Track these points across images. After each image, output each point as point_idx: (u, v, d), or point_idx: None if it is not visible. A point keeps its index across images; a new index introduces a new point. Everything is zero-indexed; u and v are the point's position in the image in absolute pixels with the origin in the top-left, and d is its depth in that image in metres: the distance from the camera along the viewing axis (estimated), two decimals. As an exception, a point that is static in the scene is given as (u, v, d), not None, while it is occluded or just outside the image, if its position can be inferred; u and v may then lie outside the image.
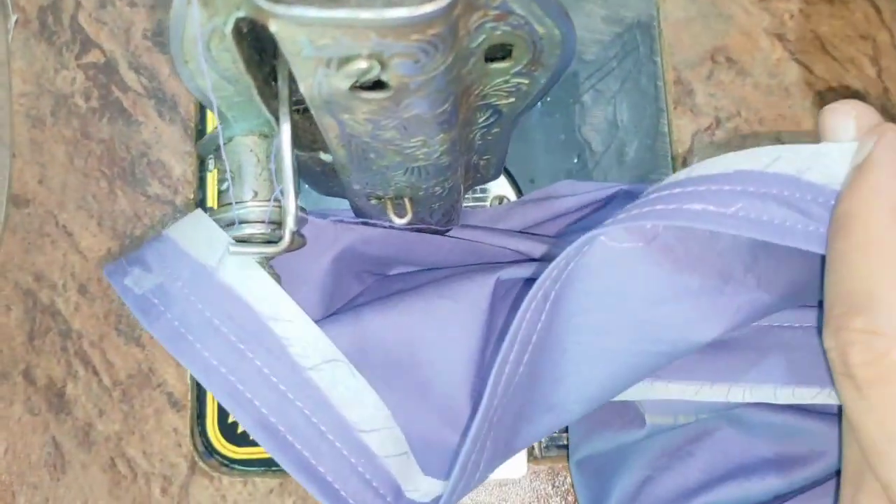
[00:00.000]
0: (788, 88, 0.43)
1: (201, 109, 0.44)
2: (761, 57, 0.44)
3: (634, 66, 0.44)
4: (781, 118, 0.43)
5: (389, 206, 0.30)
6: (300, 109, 0.29)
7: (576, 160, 0.43)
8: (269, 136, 0.29)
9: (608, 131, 0.43)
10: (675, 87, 0.43)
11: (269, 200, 0.28)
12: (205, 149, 0.29)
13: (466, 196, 0.42)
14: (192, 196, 0.43)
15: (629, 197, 0.37)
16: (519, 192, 0.43)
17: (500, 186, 0.43)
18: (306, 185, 0.38)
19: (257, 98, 0.23)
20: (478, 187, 0.43)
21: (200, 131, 0.44)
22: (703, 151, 0.43)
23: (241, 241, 0.28)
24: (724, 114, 0.43)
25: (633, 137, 0.43)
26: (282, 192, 0.25)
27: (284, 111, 0.23)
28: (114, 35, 0.45)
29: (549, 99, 0.43)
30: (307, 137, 0.27)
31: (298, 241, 0.30)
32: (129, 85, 0.44)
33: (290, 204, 0.25)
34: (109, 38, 0.45)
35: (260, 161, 0.29)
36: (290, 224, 0.26)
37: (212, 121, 0.44)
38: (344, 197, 0.35)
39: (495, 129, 0.29)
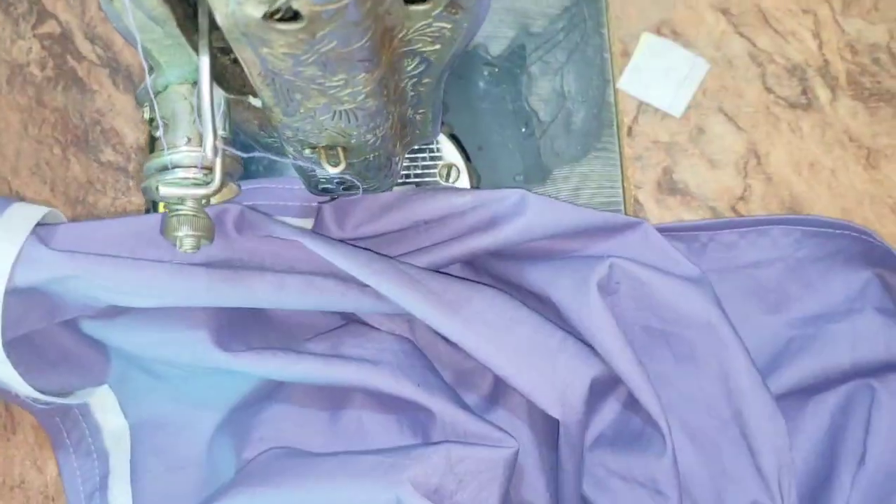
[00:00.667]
0: (732, 61, 0.44)
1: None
2: (706, 30, 0.44)
3: (581, 38, 0.44)
4: (724, 90, 0.44)
5: (323, 156, 0.30)
6: (231, 58, 0.29)
7: (524, 129, 0.44)
8: (202, 84, 0.29)
9: (555, 101, 0.44)
10: (622, 58, 0.44)
11: (202, 147, 0.29)
12: (141, 97, 0.30)
13: (416, 164, 0.43)
14: (151, 153, 0.44)
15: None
16: (468, 159, 0.43)
17: (450, 154, 0.44)
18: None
19: (177, 31, 0.24)
20: (427, 155, 0.43)
21: (150, 119, 0.44)
22: (649, 121, 0.44)
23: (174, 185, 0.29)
24: (668, 85, 0.44)
25: (579, 107, 0.44)
26: (202, 126, 0.25)
27: (203, 43, 0.24)
28: (70, 6, 0.46)
29: (496, 69, 0.44)
30: (237, 81, 0.28)
31: (232, 187, 0.30)
32: (84, 55, 0.45)
33: (209, 139, 0.25)
34: (65, 8, 0.46)
35: (194, 108, 0.29)
36: (217, 163, 0.26)
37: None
38: (285, 157, 0.36)
39: (426, 80, 0.30)
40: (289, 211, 0.41)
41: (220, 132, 0.28)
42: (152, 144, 0.43)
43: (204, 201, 0.30)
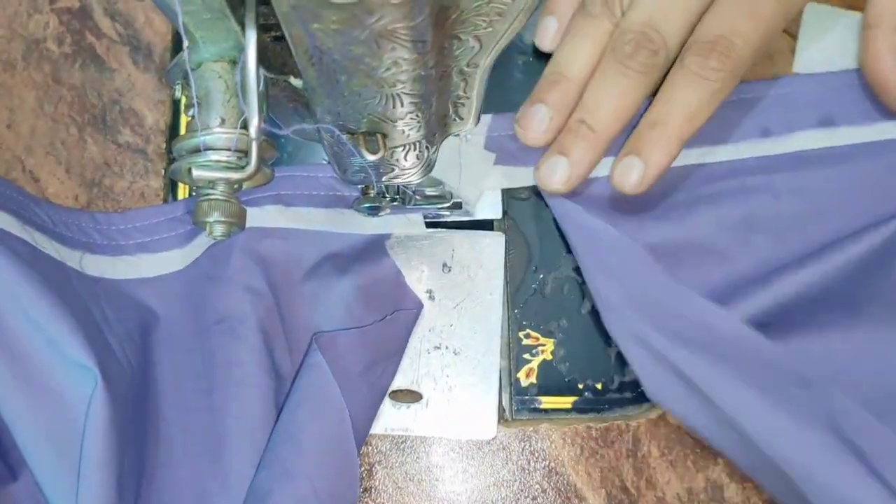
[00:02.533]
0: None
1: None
2: None
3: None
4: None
5: (362, 142, 0.29)
6: (272, 36, 0.28)
7: (557, 122, 0.42)
8: (239, 62, 0.28)
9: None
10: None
11: (236, 128, 0.27)
12: (173, 74, 0.28)
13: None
14: (164, 145, 0.42)
15: None
16: (498, 151, 0.42)
17: (479, 147, 0.42)
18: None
19: (218, 4, 0.22)
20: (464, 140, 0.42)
21: (179, 98, 0.43)
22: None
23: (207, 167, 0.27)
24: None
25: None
26: (246, 106, 0.24)
27: (251, 17, 0.23)
28: (90, -20, 0.44)
29: (530, 59, 0.43)
30: (277, 61, 0.27)
31: (266, 172, 0.29)
32: (104, 31, 0.43)
33: (254, 120, 0.24)
34: (85, -17, 0.44)
35: (229, 88, 0.28)
36: (254, 146, 0.25)
37: (187, 71, 0.43)
38: (318, 141, 0.34)
39: (473, 65, 0.28)
40: (314, 201, 0.39)
41: (259, 113, 0.26)
42: (175, 126, 0.42)
43: (236, 186, 0.28)
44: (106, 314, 0.37)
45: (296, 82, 0.27)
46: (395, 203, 0.39)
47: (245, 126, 0.27)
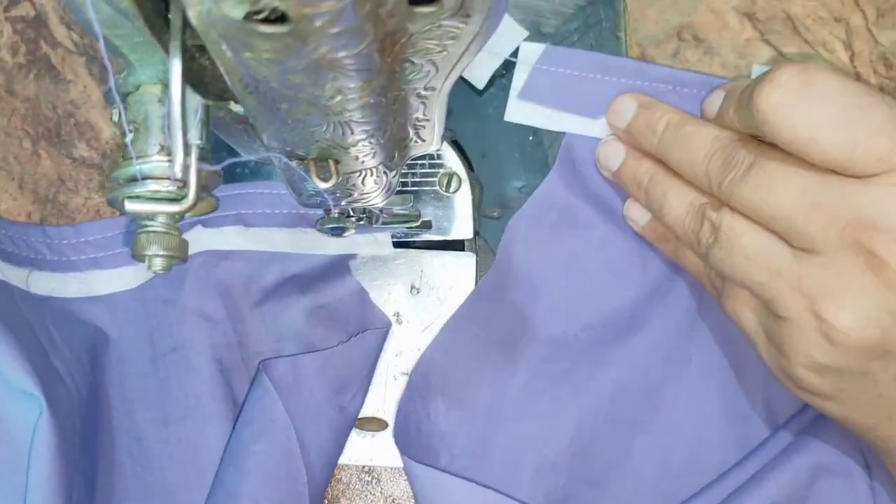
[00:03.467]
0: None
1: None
2: (730, 36, 0.41)
3: (596, 41, 0.41)
4: (748, 101, 0.41)
5: (313, 169, 0.27)
6: (211, 57, 0.26)
7: (531, 137, 0.40)
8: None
9: (566, 107, 0.41)
10: (637, 47, 0.41)
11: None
12: (110, 97, 0.26)
13: (414, 172, 0.40)
14: (121, 160, 0.40)
15: None
16: (470, 167, 0.40)
17: (451, 162, 0.40)
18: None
19: (144, 28, 0.21)
20: (427, 162, 0.40)
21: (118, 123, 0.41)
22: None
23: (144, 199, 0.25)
24: (688, 92, 0.41)
25: (592, 114, 0.40)
26: (170, 136, 0.22)
27: (175, 44, 0.21)
28: (45, -13, 0.42)
29: (504, 72, 0.41)
30: (216, 85, 0.25)
31: (210, 201, 0.27)
32: (59, 41, 0.42)
33: (178, 155, 0.22)
34: (41, -10, 0.42)
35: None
36: (192, 178, 0.23)
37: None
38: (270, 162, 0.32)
39: (431, 88, 0.27)
40: (275, 220, 0.38)
41: (197, 141, 0.25)
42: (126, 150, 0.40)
43: (177, 218, 0.27)
44: (52, 336, 0.35)
45: (236, 108, 0.25)
46: (361, 222, 0.37)
47: (188, 153, 0.25)
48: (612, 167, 0.37)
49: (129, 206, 0.24)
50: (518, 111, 0.37)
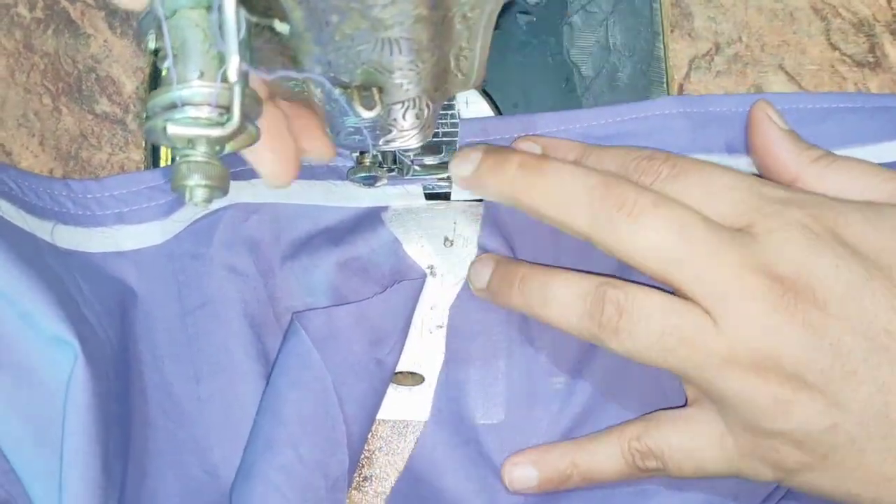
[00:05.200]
0: (794, 13, 0.40)
1: (156, 22, 0.40)
2: (764, -15, 0.40)
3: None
4: (785, 45, 0.40)
5: (356, 97, 0.26)
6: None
7: (564, 84, 0.40)
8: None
9: (599, 55, 0.40)
10: (673, 9, 0.40)
11: (217, 82, 0.25)
12: (145, 23, 0.26)
13: (444, 121, 0.39)
14: (144, 114, 0.39)
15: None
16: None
17: (482, 112, 0.39)
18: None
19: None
20: (457, 112, 0.39)
21: (155, 50, 0.40)
22: (702, 78, 0.40)
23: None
24: (724, 39, 0.40)
25: (626, 62, 0.40)
26: (224, 44, 0.21)
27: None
28: (62, -59, 0.41)
29: (534, 19, 0.40)
30: (261, 2, 0.24)
31: (251, 131, 0.26)
32: (78, -6, 0.41)
33: (233, 58, 0.21)
34: (57, -57, 0.41)
35: (207, 37, 0.25)
36: (236, 95, 0.22)
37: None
38: (307, 100, 0.31)
39: (476, 11, 0.26)
40: (305, 172, 0.37)
41: (239, 64, 0.24)
42: (154, 80, 0.39)
43: (218, 147, 0.26)
44: (82, 288, 0.34)
45: (281, 27, 0.24)
46: (392, 173, 0.36)
47: (226, 79, 0.24)
48: (483, 283, 0.35)
49: (173, 129, 0.23)
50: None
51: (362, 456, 0.36)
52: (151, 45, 0.26)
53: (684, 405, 0.33)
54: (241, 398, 0.35)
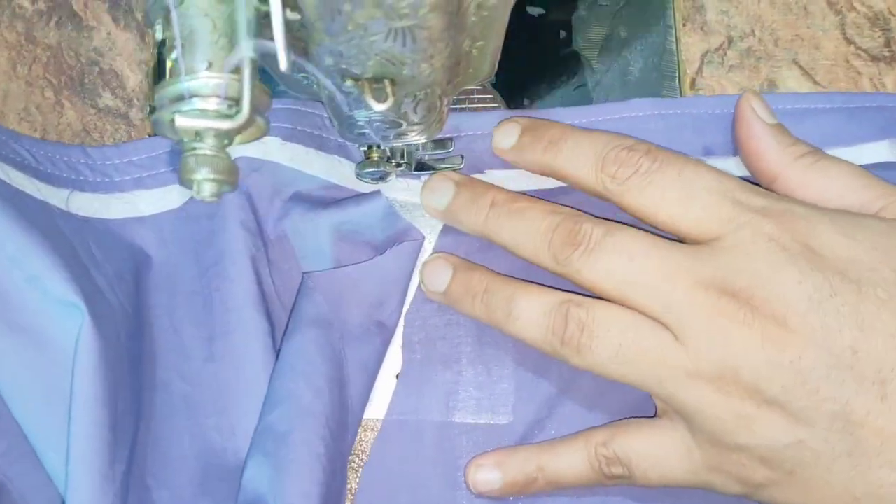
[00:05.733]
0: (808, 7, 0.39)
1: (160, 15, 0.40)
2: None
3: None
4: (799, 39, 0.39)
5: (367, 89, 0.26)
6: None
7: (573, 79, 0.39)
8: (227, -2, 0.24)
9: (610, 48, 0.39)
10: (685, 2, 0.39)
11: (226, 73, 0.24)
12: (152, 12, 0.25)
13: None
14: (148, 109, 0.39)
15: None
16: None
17: (490, 107, 0.39)
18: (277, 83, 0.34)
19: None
20: (467, 107, 0.39)
21: (161, 40, 0.39)
22: (714, 73, 0.39)
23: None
24: (736, 33, 0.39)
25: (637, 56, 0.39)
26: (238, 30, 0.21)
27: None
28: (65, -69, 0.40)
29: (544, 11, 0.39)
30: (271, -9, 0.23)
31: (260, 123, 0.25)
32: (81, -14, 0.40)
33: (246, 51, 0.21)
34: (60, -66, 0.40)
35: (217, 27, 0.24)
36: (246, 86, 0.22)
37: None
38: (316, 94, 0.31)
39: (492, 2, 0.25)
40: (315, 141, 0.36)
41: (250, 54, 0.23)
42: (159, 71, 0.38)
43: (226, 140, 0.25)
44: (94, 254, 0.34)
45: (291, 16, 0.23)
46: (400, 168, 0.36)
47: (235, 70, 0.24)
48: (440, 287, 0.34)
49: (180, 121, 0.23)
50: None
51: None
52: (159, 34, 0.25)
53: (654, 415, 0.32)
54: (253, 357, 0.34)
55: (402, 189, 0.37)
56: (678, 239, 0.31)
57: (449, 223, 0.36)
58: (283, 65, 0.21)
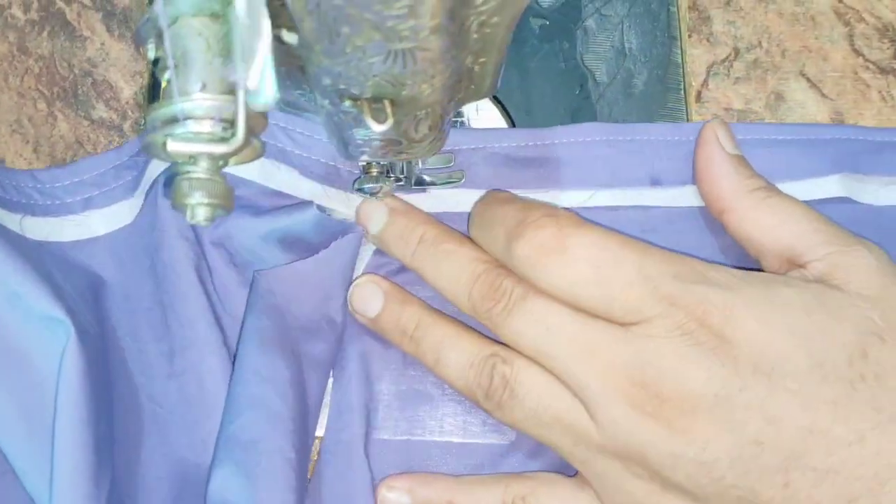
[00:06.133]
0: (815, 18, 0.39)
1: (155, 24, 0.39)
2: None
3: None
4: (806, 50, 0.38)
5: (367, 110, 0.25)
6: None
7: (578, 91, 0.38)
8: (221, 16, 0.24)
9: (614, 60, 0.38)
10: (690, 13, 0.39)
11: (220, 94, 0.23)
12: (144, 31, 0.24)
13: (455, 128, 0.38)
14: (142, 121, 0.38)
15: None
16: (513, 124, 0.38)
17: (493, 120, 0.38)
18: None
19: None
20: (466, 119, 0.38)
21: (154, 59, 0.39)
22: (720, 85, 0.38)
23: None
24: (743, 44, 0.39)
25: (642, 68, 0.38)
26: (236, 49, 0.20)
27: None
28: (58, -61, 0.40)
29: (548, 22, 0.39)
30: (268, 11, 0.22)
31: (255, 147, 0.25)
32: (74, -5, 0.39)
33: (241, 72, 0.20)
34: (53, -58, 0.40)
35: (210, 47, 0.24)
36: (241, 111, 0.21)
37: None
38: (314, 112, 0.30)
39: (495, 19, 0.24)
40: (312, 170, 0.35)
41: (244, 75, 0.22)
42: (152, 92, 0.38)
43: (221, 162, 0.24)
44: (55, 277, 0.33)
45: (289, 38, 0.23)
46: (399, 183, 0.35)
47: (231, 92, 0.23)
48: (370, 313, 0.34)
49: (172, 146, 0.22)
50: None
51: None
52: (151, 53, 0.25)
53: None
54: (212, 369, 0.34)
55: (342, 201, 0.36)
56: None
57: (381, 248, 0.35)
58: (242, 90, 0.20)
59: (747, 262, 0.33)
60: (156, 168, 0.35)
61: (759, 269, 0.32)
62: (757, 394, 0.27)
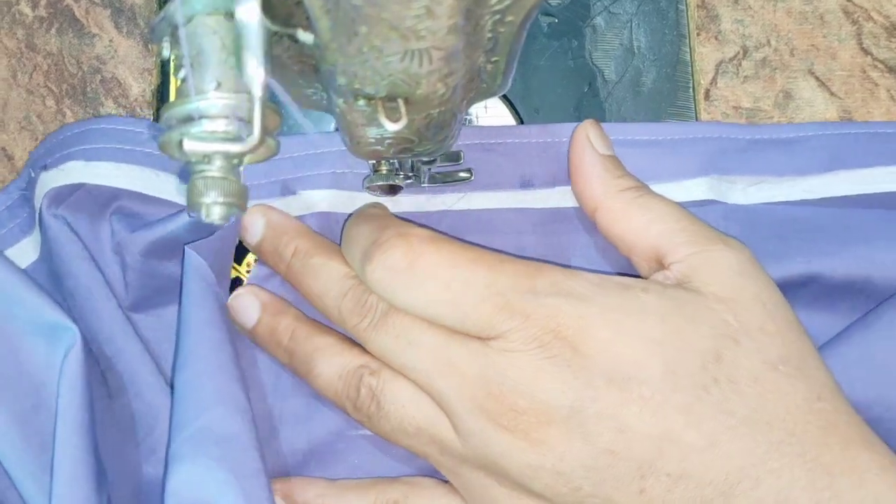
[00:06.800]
0: (824, 16, 0.39)
1: (164, 22, 0.39)
2: (792, -18, 0.39)
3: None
4: (815, 49, 0.38)
5: (381, 109, 0.25)
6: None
7: (586, 89, 0.38)
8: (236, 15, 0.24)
9: (623, 58, 0.38)
10: (699, 11, 0.39)
11: (235, 93, 0.23)
12: (159, 30, 0.24)
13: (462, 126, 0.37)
14: (151, 118, 0.38)
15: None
16: (521, 122, 0.38)
17: (502, 118, 0.38)
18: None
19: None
20: (474, 117, 0.38)
21: (168, 58, 0.39)
22: (729, 83, 0.38)
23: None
24: (752, 42, 0.39)
25: (650, 66, 0.38)
26: (247, 54, 0.20)
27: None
28: (66, -64, 0.40)
29: (556, 20, 0.39)
30: (282, 10, 0.22)
31: (270, 145, 0.25)
32: (83, -8, 0.39)
33: (257, 79, 0.20)
34: (61, -61, 0.40)
35: (225, 46, 0.24)
36: (257, 110, 0.21)
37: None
38: (326, 109, 0.30)
39: (510, 18, 0.24)
40: (141, 159, 0.35)
41: (260, 73, 0.22)
42: (162, 91, 0.38)
43: (236, 161, 0.24)
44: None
45: (304, 37, 0.23)
46: (409, 181, 0.35)
47: (246, 90, 0.23)
48: (247, 324, 0.34)
49: (189, 145, 0.22)
50: None
51: None
52: (166, 52, 0.25)
53: None
54: (144, 381, 0.34)
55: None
56: None
57: (260, 259, 0.36)
58: (257, 90, 0.20)
59: (623, 263, 0.33)
60: (37, 199, 0.34)
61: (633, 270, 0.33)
62: (609, 404, 0.27)
